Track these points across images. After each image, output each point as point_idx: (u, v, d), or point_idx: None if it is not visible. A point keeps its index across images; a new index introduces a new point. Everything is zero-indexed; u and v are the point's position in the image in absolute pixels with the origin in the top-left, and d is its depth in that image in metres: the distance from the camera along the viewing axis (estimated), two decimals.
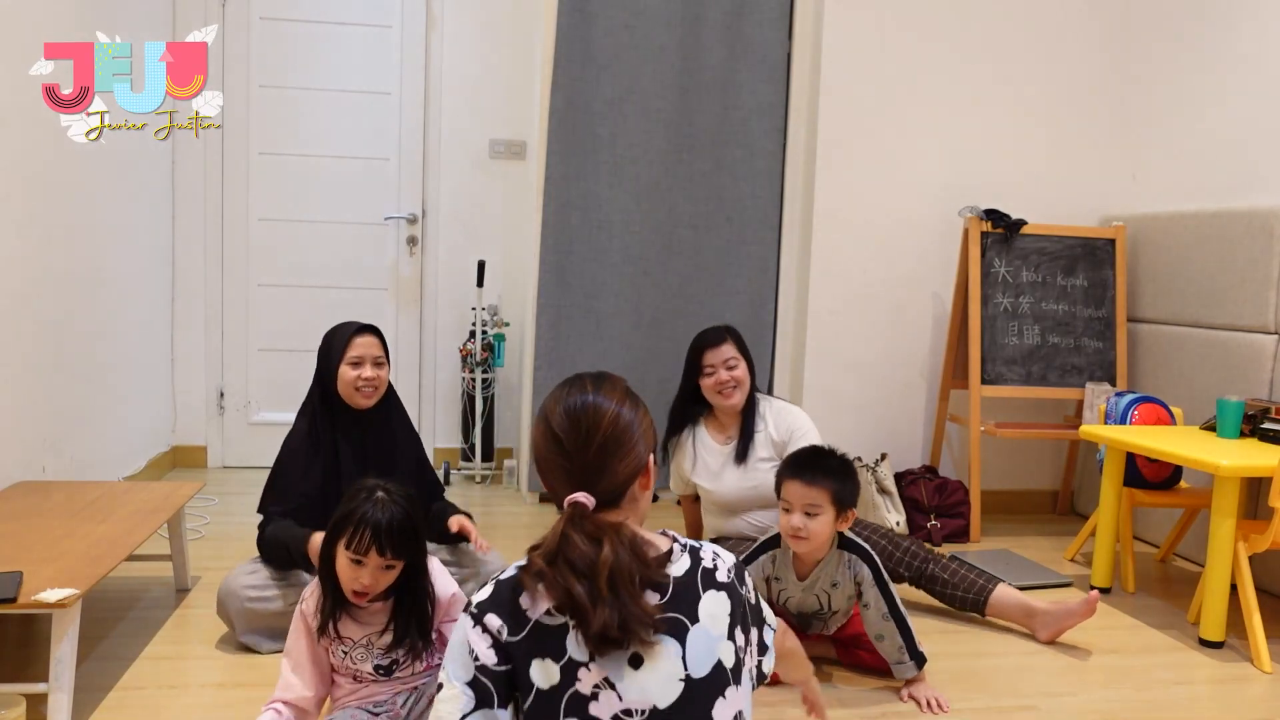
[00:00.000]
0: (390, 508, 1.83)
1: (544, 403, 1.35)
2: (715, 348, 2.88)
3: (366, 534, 1.80)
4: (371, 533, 1.80)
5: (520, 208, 4.49)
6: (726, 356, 2.87)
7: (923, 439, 4.17)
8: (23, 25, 2.88)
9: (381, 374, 2.58)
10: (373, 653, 1.91)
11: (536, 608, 1.25)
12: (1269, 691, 2.53)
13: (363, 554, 1.81)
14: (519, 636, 1.24)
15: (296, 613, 1.95)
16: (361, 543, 1.80)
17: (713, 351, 2.88)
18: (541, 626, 1.24)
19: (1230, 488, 2.70)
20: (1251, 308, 3.37)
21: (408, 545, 1.85)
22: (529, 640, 1.24)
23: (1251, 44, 3.60)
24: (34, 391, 3.02)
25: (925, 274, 4.11)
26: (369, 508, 1.82)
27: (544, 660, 1.23)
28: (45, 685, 1.99)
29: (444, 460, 4.49)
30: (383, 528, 1.80)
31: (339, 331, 2.60)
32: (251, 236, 4.45)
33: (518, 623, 1.25)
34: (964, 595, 2.83)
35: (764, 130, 4.14)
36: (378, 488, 1.87)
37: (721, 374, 2.86)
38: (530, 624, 1.24)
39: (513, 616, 1.25)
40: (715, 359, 2.87)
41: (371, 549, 1.80)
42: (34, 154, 2.98)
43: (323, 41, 4.41)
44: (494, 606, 1.27)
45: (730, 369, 2.87)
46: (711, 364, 2.87)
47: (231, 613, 2.46)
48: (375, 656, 1.91)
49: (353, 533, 1.80)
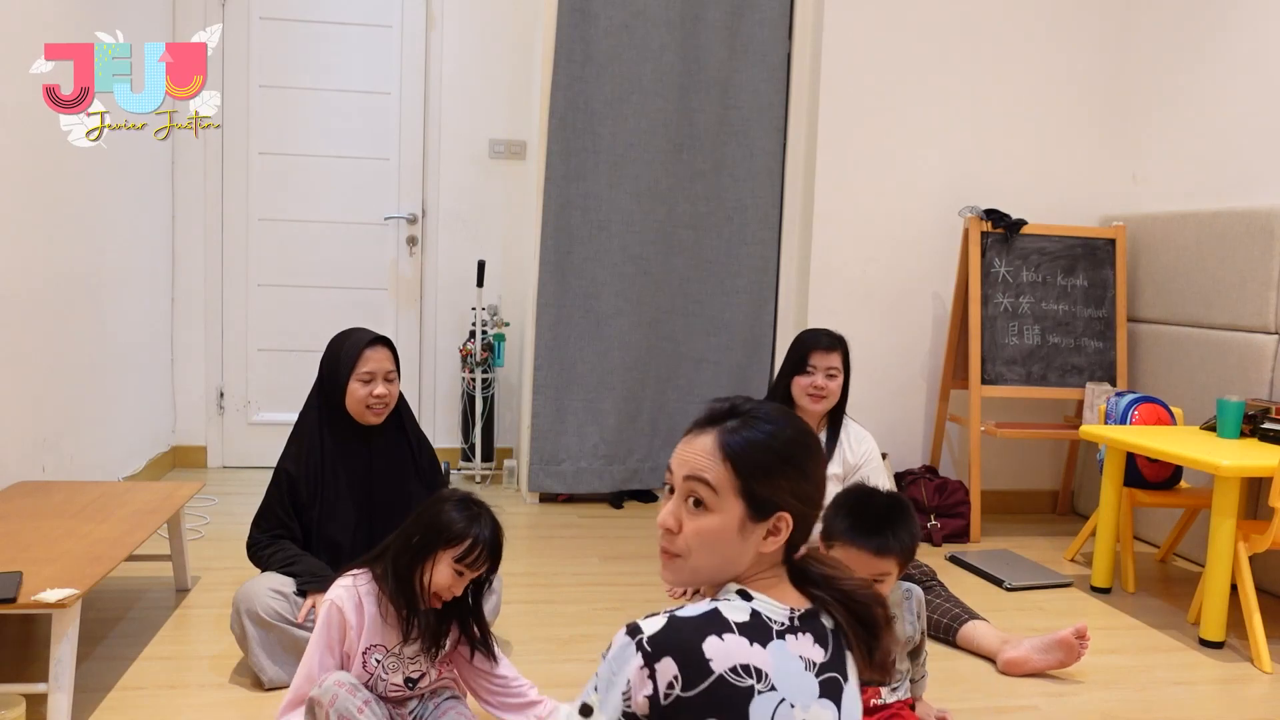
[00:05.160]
0: (492, 521, 1.92)
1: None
2: (825, 351, 2.84)
3: (484, 551, 1.88)
4: (489, 550, 1.89)
5: (520, 208, 4.49)
6: (831, 364, 2.84)
7: (923, 439, 4.17)
8: (23, 25, 2.88)
9: (393, 390, 2.42)
10: (404, 662, 1.92)
11: (724, 660, 1.12)
12: (1269, 691, 2.53)
13: (478, 567, 1.89)
14: (693, 692, 1.11)
15: (329, 613, 1.90)
16: (479, 559, 1.88)
17: (821, 354, 2.83)
18: (726, 684, 1.11)
19: (1230, 488, 2.70)
20: (1251, 308, 3.37)
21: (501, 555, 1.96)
22: (704, 698, 1.10)
23: (1251, 44, 3.60)
24: (34, 391, 3.02)
25: (925, 274, 4.11)
26: (478, 528, 1.88)
27: None
28: (45, 685, 1.99)
29: (444, 460, 4.48)
30: (496, 544, 1.91)
31: (348, 342, 2.42)
32: (251, 236, 4.45)
33: (697, 674, 1.11)
34: (938, 619, 2.74)
35: (764, 130, 4.14)
36: (470, 501, 1.92)
37: (820, 379, 2.83)
38: (712, 678, 1.11)
39: (691, 665, 1.11)
40: (821, 362, 2.83)
41: (486, 564, 1.90)
42: (34, 154, 2.98)
43: (323, 41, 4.41)
44: (673, 650, 1.11)
45: (830, 377, 2.84)
46: (815, 365, 2.83)
47: (248, 625, 2.29)
48: (406, 667, 1.92)
49: (470, 546, 1.86)
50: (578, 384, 4.08)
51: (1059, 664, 2.53)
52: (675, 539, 1.23)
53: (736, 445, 1.21)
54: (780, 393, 2.97)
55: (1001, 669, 2.55)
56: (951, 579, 3.16)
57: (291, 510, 2.43)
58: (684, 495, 1.23)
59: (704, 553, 1.21)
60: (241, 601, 2.28)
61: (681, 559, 1.23)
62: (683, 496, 1.23)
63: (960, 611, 2.72)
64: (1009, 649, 2.56)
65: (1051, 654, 2.52)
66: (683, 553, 1.22)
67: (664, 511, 1.25)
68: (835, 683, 1.19)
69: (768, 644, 1.15)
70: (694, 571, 1.23)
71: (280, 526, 2.42)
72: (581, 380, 4.08)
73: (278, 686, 2.26)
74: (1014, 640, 2.59)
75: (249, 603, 2.27)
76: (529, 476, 4.13)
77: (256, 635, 2.27)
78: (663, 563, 1.26)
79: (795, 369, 2.89)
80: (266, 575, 2.35)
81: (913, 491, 3.86)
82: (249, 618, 2.26)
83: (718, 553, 1.21)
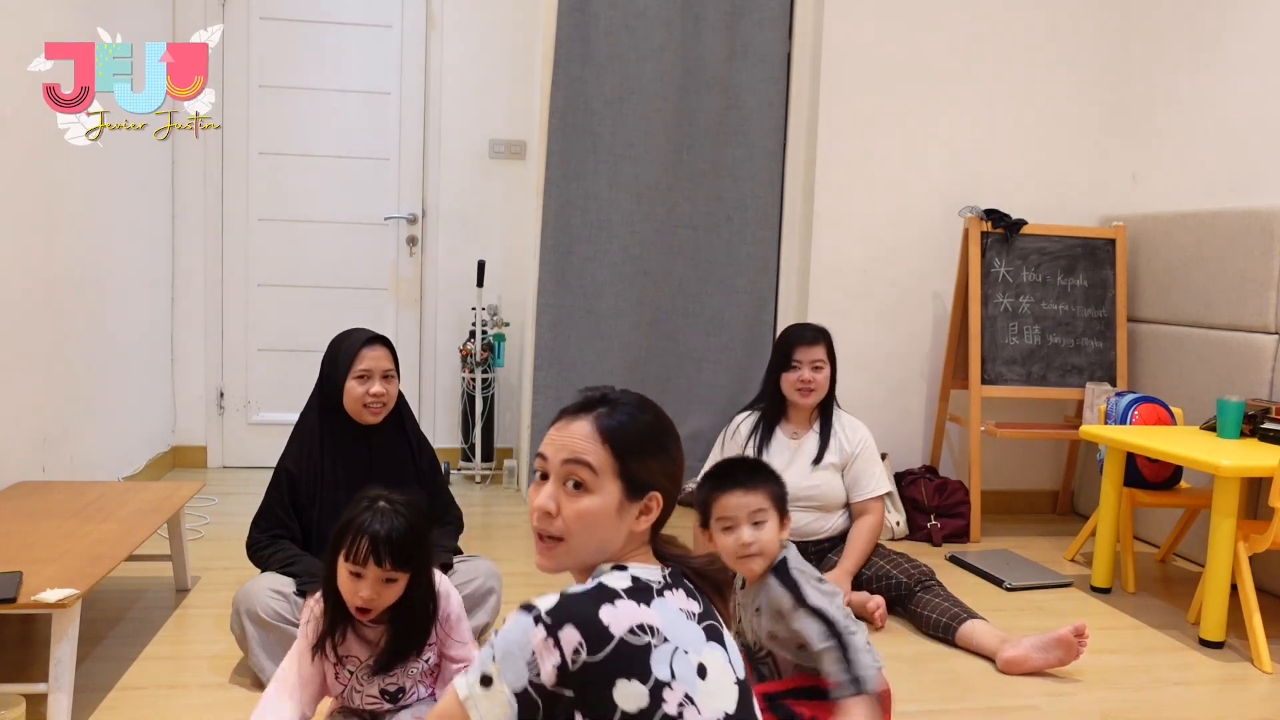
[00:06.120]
0: (391, 517, 1.76)
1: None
2: (808, 345, 2.90)
3: (364, 543, 1.73)
4: (370, 542, 1.73)
5: (520, 208, 4.49)
6: (815, 357, 2.89)
7: (923, 439, 4.17)
8: (23, 25, 2.88)
9: (391, 389, 2.42)
10: (377, 675, 1.85)
11: (620, 623, 1.18)
12: (1269, 691, 2.53)
13: (361, 565, 1.74)
14: (599, 656, 1.16)
15: (300, 633, 1.87)
16: (359, 553, 1.73)
17: (805, 348, 2.89)
18: (626, 646, 1.17)
19: (1230, 488, 2.70)
20: (1251, 308, 3.37)
21: (409, 556, 1.77)
22: (609, 661, 1.16)
23: (1251, 44, 3.60)
24: (34, 391, 3.02)
25: (925, 274, 4.11)
26: (368, 517, 1.76)
27: (629, 681, 1.16)
28: (45, 685, 1.99)
29: (444, 460, 4.48)
30: (381, 537, 1.73)
31: (346, 342, 2.43)
32: (251, 236, 4.45)
33: (599, 640, 1.16)
34: (936, 619, 2.74)
35: (764, 130, 4.14)
36: (380, 497, 1.80)
37: (805, 372, 2.88)
38: (614, 642, 1.17)
39: (592, 632, 1.16)
40: (805, 356, 2.89)
41: (370, 560, 1.73)
42: (34, 154, 2.97)
43: (323, 41, 4.41)
44: (572, 618, 1.17)
45: (816, 370, 2.89)
46: (799, 360, 2.89)
47: (248, 625, 2.28)
48: (381, 679, 1.86)
49: (350, 542, 1.74)
50: (578, 384, 4.05)
51: (1058, 662, 2.53)
52: (554, 521, 1.28)
53: (614, 429, 1.29)
54: (769, 391, 2.99)
55: (1001, 668, 2.55)
56: (951, 579, 3.16)
57: (291, 510, 2.43)
58: (562, 478, 1.28)
59: (583, 534, 1.27)
60: (241, 602, 2.27)
61: (562, 542, 1.28)
62: (560, 480, 1.29)
63: (959, 611, 2.72)
64: (1008, 648, 2.56)
65: (1050, 652, 2.52)
66: (562, 534, 1.28)
67: (542, 495, 1.29)
68: (715, 629, 1.29)
69: (652, 602, 1.23)
70: (573, 554, 1.29)
71: (280, 526, 2.42)
72: (581, 380, 4.08)
73: None
74: (1013, 639, 2.59)
75: (249, 603, 2.26)
76: (529, 476, 4.13)
77: (256, 635, 2.26)
78: (539, 550, 1.31)
79: (781, 366, 2.93)
80: (266, 575, 2.35)
81: (913, 491, 3.86)
82: (249, 618, 2.26)
83: (596, 534, 1.28)
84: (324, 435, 2.44)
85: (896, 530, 3.76)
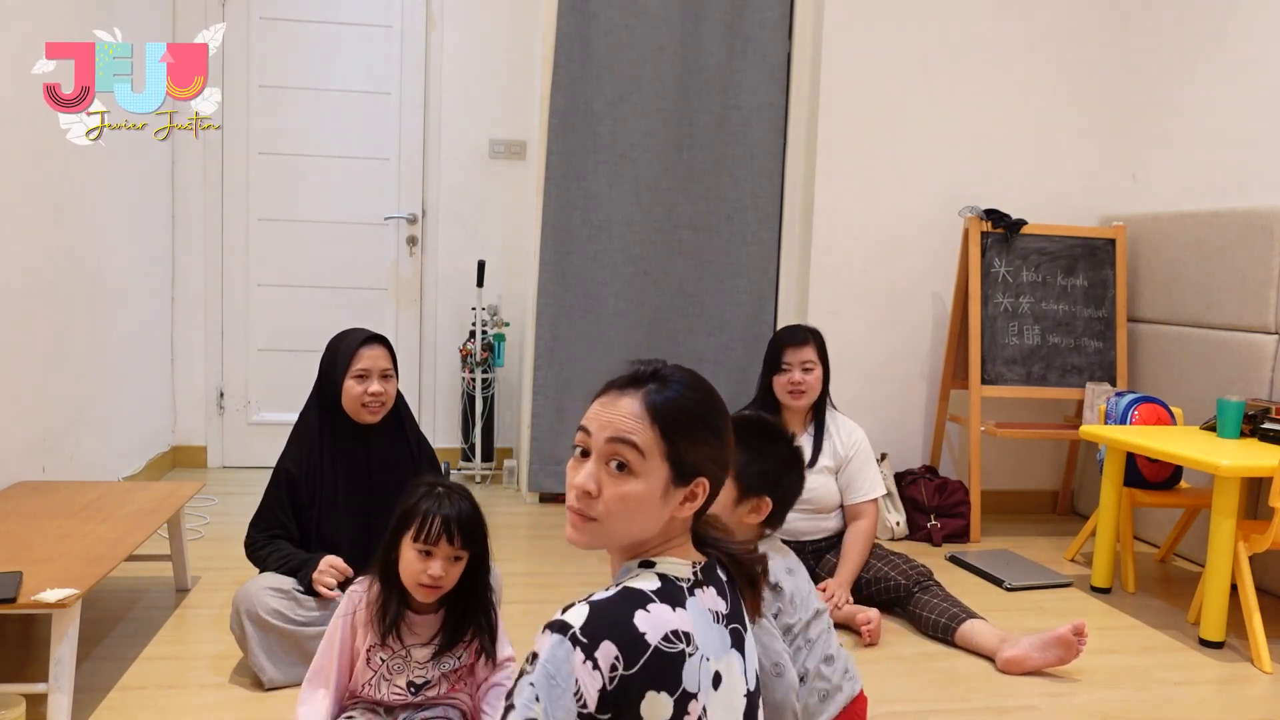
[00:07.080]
0: (458, 500, 1.86)
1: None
2: (797, 347, 2.89)
3: (437, 522, 1.81)
4: (441, 521, 1.81)
5: (520, 208, 4.49)
6: (806, 358, 2.88)
7: (923, 439, 4.17)
8: (23, 25, 2.88)
9: (389, 388, 2.42)
10: (410, 666, 1.89)
11: (655, 630, 1.11)
12: (1269, 691, 2.53)
13: (433, 544, 1.81)
14: (634, 669, 1.09)
15: (340, 623, 1.89)
16: (432, 532, 1.81)
17: (794, 350, 2.89)
18: (661, 655, 1.10)
19: (1230, 488, 2.70)
20: (1251, 308, 3.37)
21: (476, 535, 1.86)
22: (643, 672, 1.09)
23: (1251, 44, 3.60)
24: (34, 391, 3.02)
25: (925, 274, 4.11)
26: (433, 501, 1.84)
27: (658, 694, 1.09)
28: (45, 685, 1.99)
29: (444, 460, 4.48)
30: (452, 517, 1.82)
31: (344, 341, 2.43)
32: (251, 236, 4.45)
33: (635, 650, 1.09)
34: (935, 619, 2.74)
35: (764, 130, 4.14)
36: (437, 484, 1.88)
37: (796, 374, 2.88)
38: (649, 651, 1.10)
39: (628, 642, 1.09)
40: (794, 358, 2.88)
41: (441, 538, 1.81)
42: (34, 154, 2.97)
43: (323, 41, 4.41)
44: (608, 632, 1.09)
45: (806, 371, 2.88)
46: (789, 362, 2.88)
47: (248, 626, 2.28)
48: (411, 671, 1.89)
49: (422, 522, 1.81)
50: (578, 384, 4.08)
51: (1058, 661, 2.53)
52: (593, 503, 1.19)
53: (664, 408, 1.19)
54: (762, 395, 2.99)
55: (1000, 668, 2.55)
56: (951, 579, 3.16)
57: (290, 510, 2.43)
58: (605, 458, 1.19)
59: (622, 518, 1.18)
60: (241, 602, 2.28)
61: (598, 524, 1.19)
62: (603, 459, 1.19)
63: (958, 611, 2.72)
64: (1007, 647, 2.56)
65: (1050, 651, 2.52)
66: (600, 517, 1.19)
67: (582, 474, 1.19)
68: (739, 633, 1.24)
69: (686, 603, 1.16)
70: (608, 535, 1.20)
71: (278, 526, 2.42)
72: (581, 380, 4.08)
73: (277, 686, 2.26)
74: (1012, 639, 2.59)
75: (249, 603, 2.27)
76: (529, 476, 4.13)
77: (256, 635, 2.27)
78: (573, 524, 1.21)
79: (772, 369, 2.93)
80: (266, 575, 2.35)
81: (913, 491, 3.86)
82: (249, 618, 2.26)
83: (636, 520, 1.19)
84: (323, 435, 2.44)
85: (897, 530, 3.76)
